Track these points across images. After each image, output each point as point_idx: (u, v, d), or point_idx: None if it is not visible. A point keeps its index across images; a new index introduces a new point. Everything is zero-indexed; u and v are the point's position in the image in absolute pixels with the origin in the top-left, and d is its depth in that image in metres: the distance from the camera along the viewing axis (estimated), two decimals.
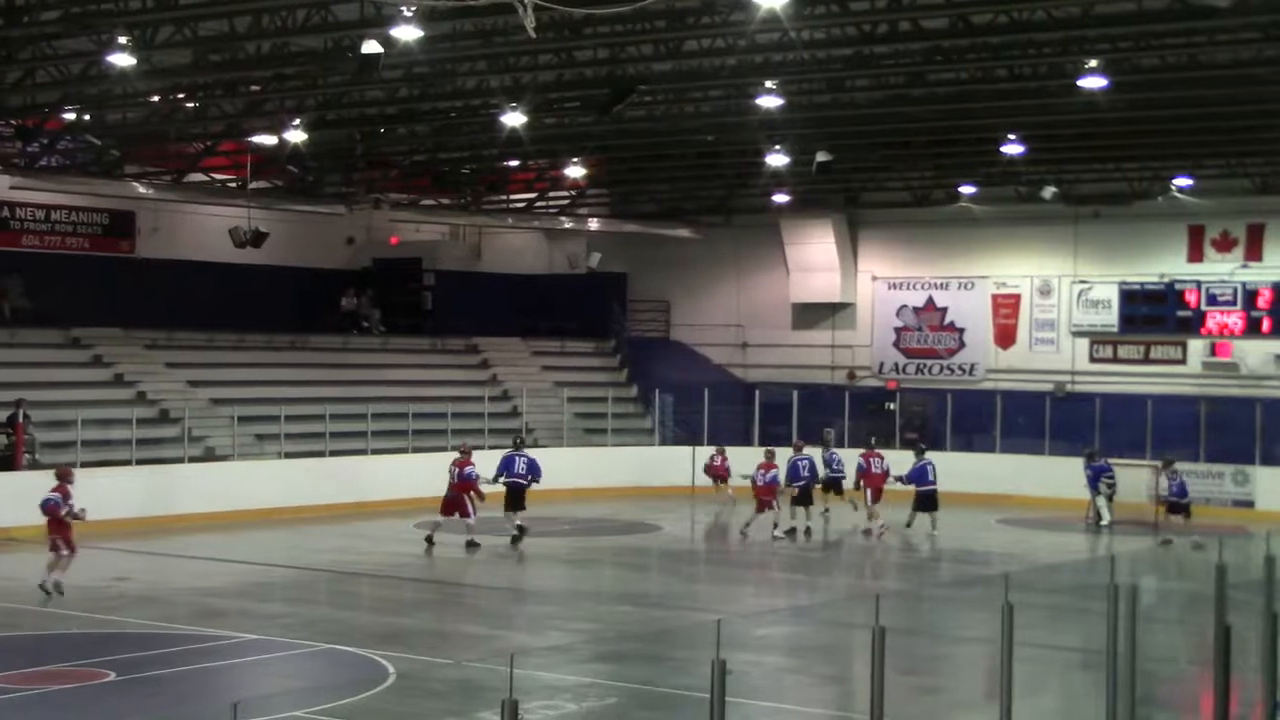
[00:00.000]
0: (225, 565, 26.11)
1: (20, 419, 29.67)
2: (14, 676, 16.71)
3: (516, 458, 28.68)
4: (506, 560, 26.55)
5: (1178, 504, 30.89)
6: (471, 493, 27.73)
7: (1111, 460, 32.62)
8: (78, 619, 20.51)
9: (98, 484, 29.23)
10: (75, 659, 17.75)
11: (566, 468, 36.69)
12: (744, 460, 32.09)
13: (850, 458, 32.47)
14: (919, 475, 30.43)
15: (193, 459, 32.20)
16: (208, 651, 18.46)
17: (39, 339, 34.38)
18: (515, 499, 28.29)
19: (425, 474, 32.44)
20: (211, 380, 35.64)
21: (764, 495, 29.61)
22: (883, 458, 31.10)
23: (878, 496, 30.25)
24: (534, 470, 28.48)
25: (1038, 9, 22.39)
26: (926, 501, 30.32)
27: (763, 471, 29.79)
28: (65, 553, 22.50)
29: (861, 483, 30.68)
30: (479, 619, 21.64)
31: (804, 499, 30.32)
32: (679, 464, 37.92)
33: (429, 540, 27.37)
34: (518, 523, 28.03)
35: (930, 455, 31.30)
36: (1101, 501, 31.62)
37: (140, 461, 31.00)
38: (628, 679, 17.29)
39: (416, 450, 35.23)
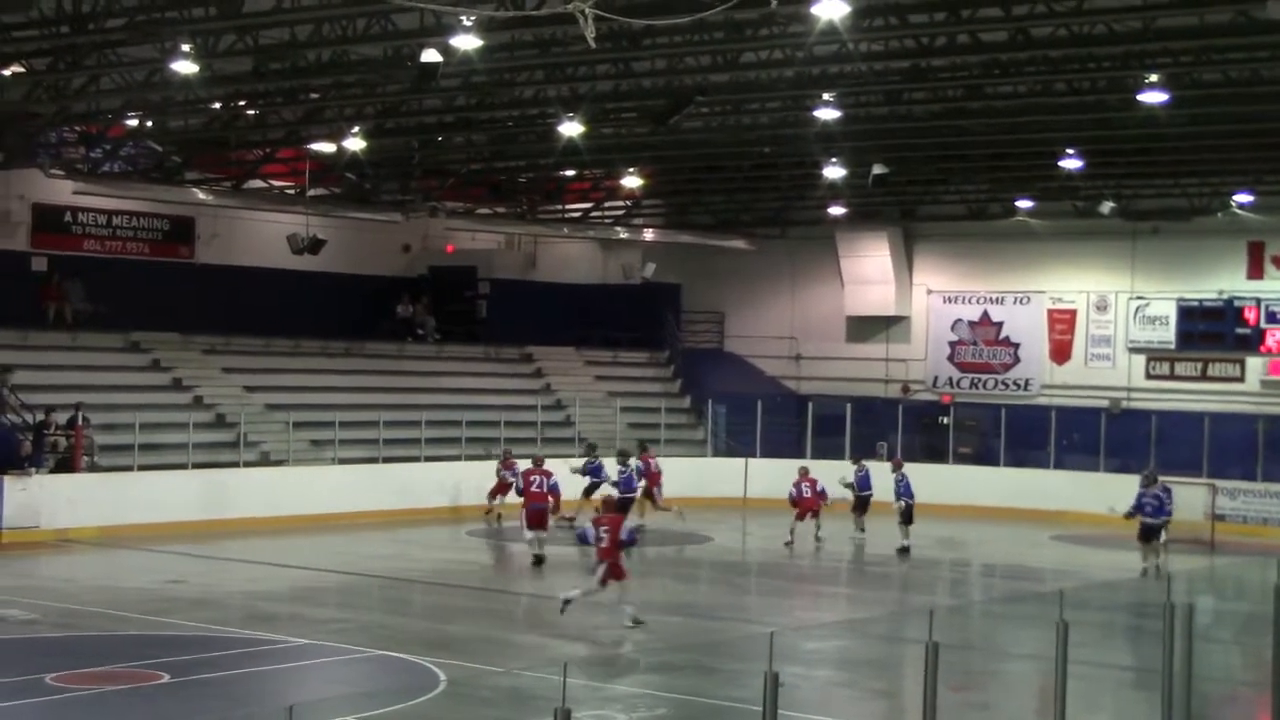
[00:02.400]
0: (279, 569, 26.22)
1: (79, 422, 29.91)
2: (70, 676, 16.82)
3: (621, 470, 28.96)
4: (557, 570, 26.52)
5: (1151, 526, 27.27)
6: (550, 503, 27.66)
7: (1166, 478, 32.18)
8: (133, 621, 20.64)
9: (154, 487, 29.50)
10: (130, 660, 17.87)
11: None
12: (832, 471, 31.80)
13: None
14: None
15: (248, 464, 32.36)
16: (261, 655, 18.54)
17: (99, 343, 34.65)
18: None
19: (478, 481, 32.55)
20: (268, 386, 35.81)
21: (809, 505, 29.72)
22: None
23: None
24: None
25: (1098, 23, 22.23)
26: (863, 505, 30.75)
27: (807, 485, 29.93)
28: None
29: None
30: (529, 628, 21.64)
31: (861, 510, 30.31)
32: (731, 475, 37.87)
33: (538, 560, 26.91)
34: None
35: (978, 470, 31.23)
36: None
37: (196, 465, 31.19)
38: (678, 690, 17.25)
39: (469, 458, 35.29)
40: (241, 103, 29.70)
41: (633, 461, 30.85)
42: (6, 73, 26.54)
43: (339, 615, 21.81)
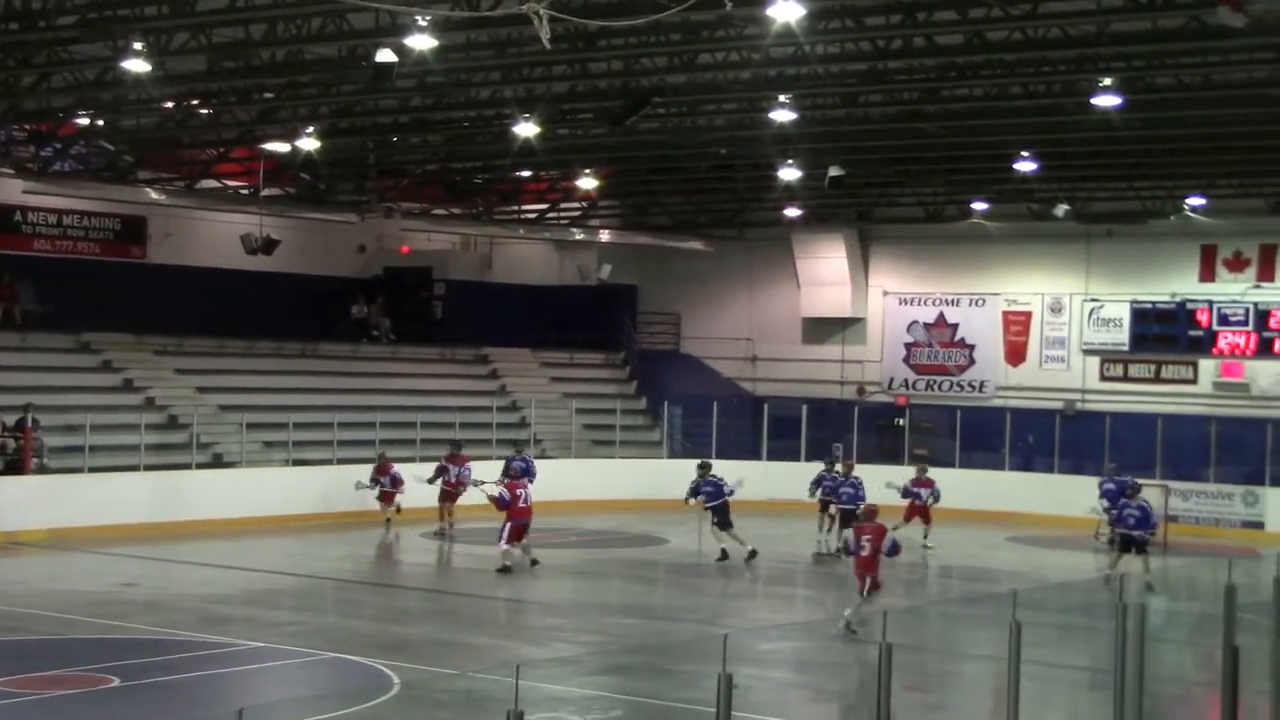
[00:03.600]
0: (232, 572, 26.11)
1: (29, 424, 29.69)
2: (18, 681, 16.71)
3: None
4: (513, 573, 26.49)
5: (1132, 537, 25.75)
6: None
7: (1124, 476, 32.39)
8: (84, 624, 20.51)
9: (105, 489, 29.32)
10: (81, 664, 17.75)
11: (574, 479, 36.71)
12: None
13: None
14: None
15: (201, 465, 32.19)
16: (213, 658, 18.45)
17: (49, 343, 34.41)
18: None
19: (433, 483, 32.42)
20: (221, 387, 35.65)
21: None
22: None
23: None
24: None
25: (1053, 26, 22.38)
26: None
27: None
28: None
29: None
30: (484, 630, 21.61)
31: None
32: (687, 477, 37.80)
33: (533, 561, 26.70)
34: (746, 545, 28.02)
35: (934, 471, 31.34)
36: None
37: (148, 467, 31.01)
38: (633, 692, 17.28)
39: (424, 459, 35.15)
40: (195, 102, 29.55)
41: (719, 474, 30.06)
42: None
43: (293, 618, 21.74)
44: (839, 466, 30.74)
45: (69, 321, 34.97)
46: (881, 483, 30.06)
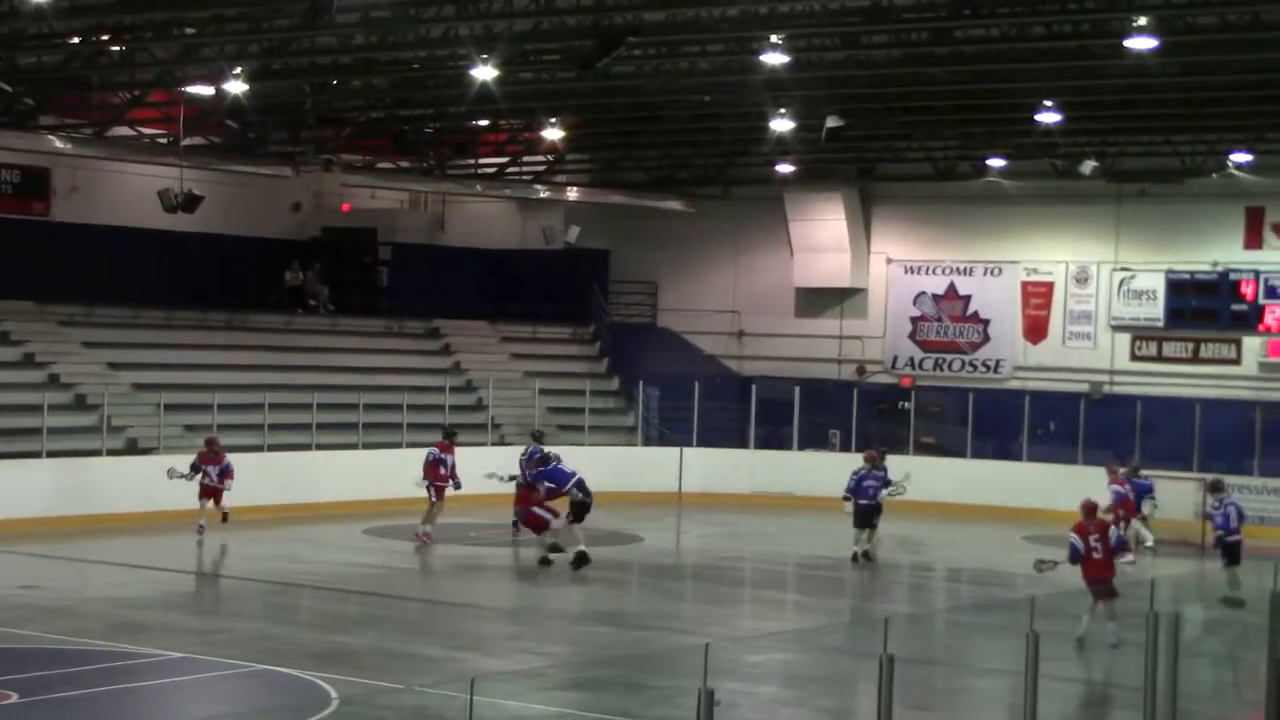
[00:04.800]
0: (148, 573, 26.07)
1: None
2: None
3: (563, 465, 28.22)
4: (468, 573, 26.54)
5: (1227, 541, 25.97)
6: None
7: (1153, 473, 32.54)
8: None
9: (3, 478, 29.22)
10: None
11: None
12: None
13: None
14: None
15: (112, 451, 32.10)
16: (127, 671, 18.43)
17: None
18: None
19: (377, 472, 32.49)
20: (135, 363, 35.55)
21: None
22: None
23: None
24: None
25: None
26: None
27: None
28: None
29: None
30: (435, 639, 21.63)
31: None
32: (665, 467, 37.98)
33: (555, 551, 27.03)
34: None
35: (943, 462, 31.31)
36: (1138, 524, 31.59)
37: (52, 453, 30.91)
38: (602, 709, 17.32)
39: (368, 446, 35.19)
40: (105, 37, 29.39)
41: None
42: None
43: (217, 625, 21.74)
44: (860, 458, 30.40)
45: None
46: (899, 473, 30.03)
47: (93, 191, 38.56)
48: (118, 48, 30.31)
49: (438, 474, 29.59)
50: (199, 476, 28.88)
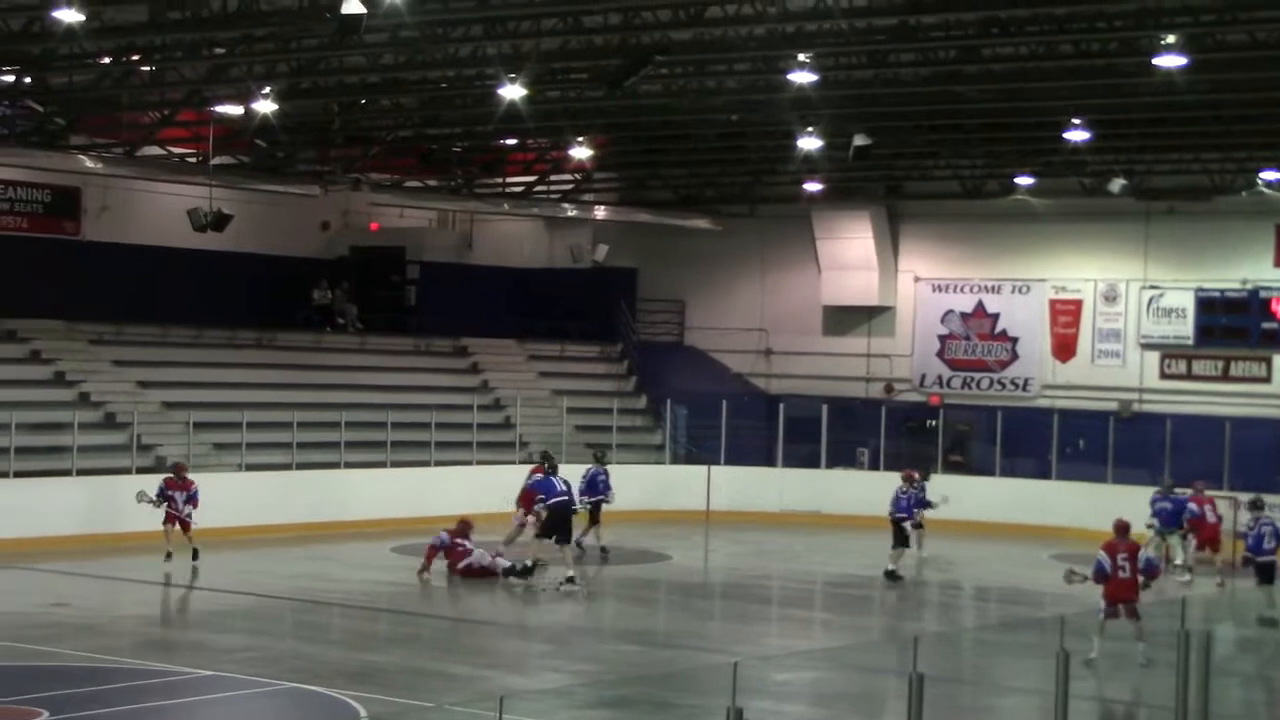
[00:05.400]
0: (177, 591, 26.12)
1: None
2: None
3: (554, 481, 27.90)
4: (496, 591, 26.53)
5: (1259, 561, 25.45)
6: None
7: (1184, 491, 32.37)
8: (8, 650, 20.50)
9: (34, 497, 29.30)
10: (4, 695, 17.73)
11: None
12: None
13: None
14: None
15: (142, 470, 32.14)
16: (156, 689, 18.46)
17: None
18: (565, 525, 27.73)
19: (406, 490, 32.51)
20: (164, 381, 35.64)
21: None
22: None
23: None
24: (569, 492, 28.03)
25: None
26: None
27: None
28: None
29: None
30: (464, 657, 21.63)
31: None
32: (693, 485, 37.93)
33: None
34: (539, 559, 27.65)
35: (971, 480, 31.20)
36: (1175, 541, 31.44)
37: (82, 472, 31.00)
38: None
39: (396, 464, 35.22)
40: (135, 57, 29.51)
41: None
42: None
43: (247, 643, 21.75)
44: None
45: None
46: (937, 495, 30.05)
47: (123, 211, 38.69)
48: (148, 68, 30.42)
49: (533, 500, 29.61)
50: (165, 504, 27.93)
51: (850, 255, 42.15)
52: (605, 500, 30.76)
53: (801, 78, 27.26)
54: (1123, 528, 21.67)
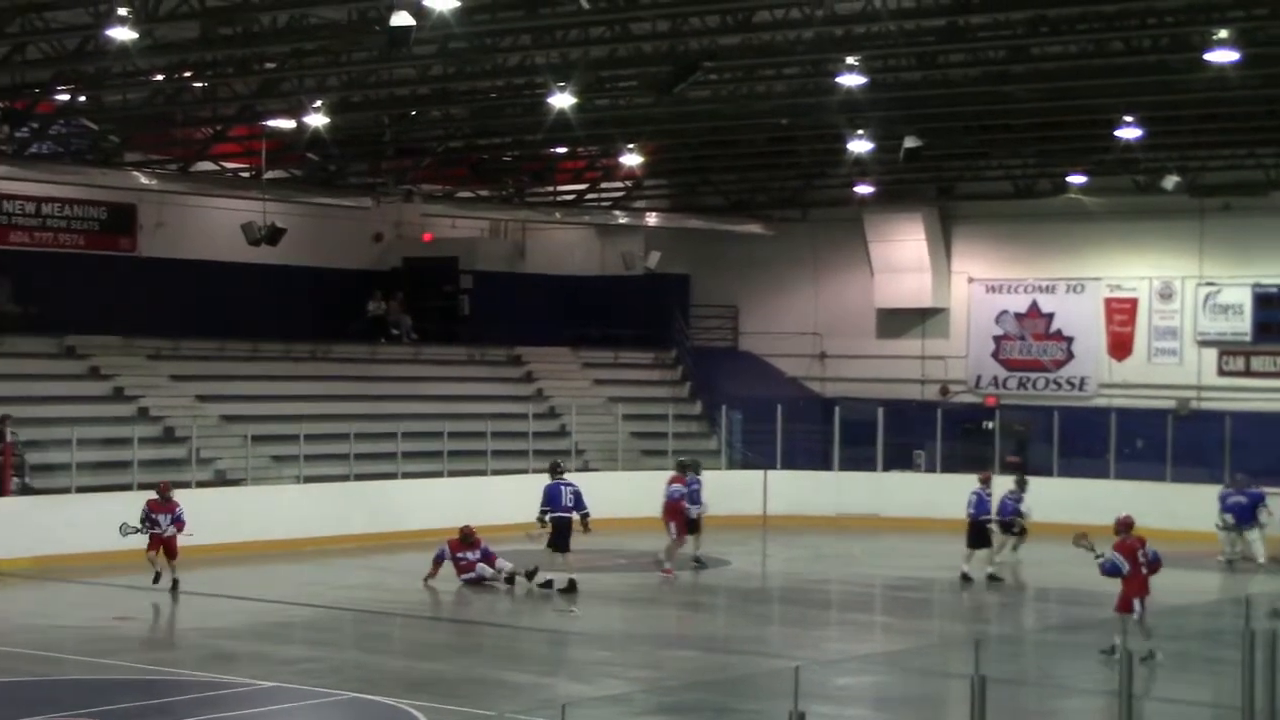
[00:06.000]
0: (238, 603, 26.21)
1: (8, 438, 29.90)
2: None
3: (563, 487, 28.06)
4: (554, 601, 26.52)
5: None
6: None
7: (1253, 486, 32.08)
8: (72, 663, 20.63)
9: (94, 511, 29.45)
10: (71, 708, 17.84)
11: (621, 494, 36.58)
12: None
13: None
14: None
15: (201, 483, 32.32)
16: (217, 700, 18.51)
17: (29, 348, 34.66)
18: (564, 537, 27.70)
19: (462, 500, 32.51)
20: (222, 395, 35.83)
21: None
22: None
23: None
24: (580, 503, 27.91)
25: None
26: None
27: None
28: None
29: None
30: (524, 665, 21.63)
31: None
32: (749, 490, 37.84)
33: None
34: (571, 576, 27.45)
35: (1029, 481, 30.98)
36: (1256, 535, 31.20)
37: (142, 486, 31.04)
38: None
39: (453, 474, 35.28)
40: (188, 74, 29.67)
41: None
42: None
43: (307, 654, 21.81)
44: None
45: (51, 323, 35.21)
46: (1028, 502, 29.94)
47: (178, 226, 38.93)
48: (200, 84, 30.60)
49: (678, 508, 29.66)
50: (151, 529, 26.29)
51: (903, 257, 42.04)
52: (701, 509, 30.24)
53: (851, 80, 27.20)
54: (1128, 524, 21.73)
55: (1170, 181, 36.50)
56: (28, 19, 25.27)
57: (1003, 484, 30.56)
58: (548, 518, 27.01)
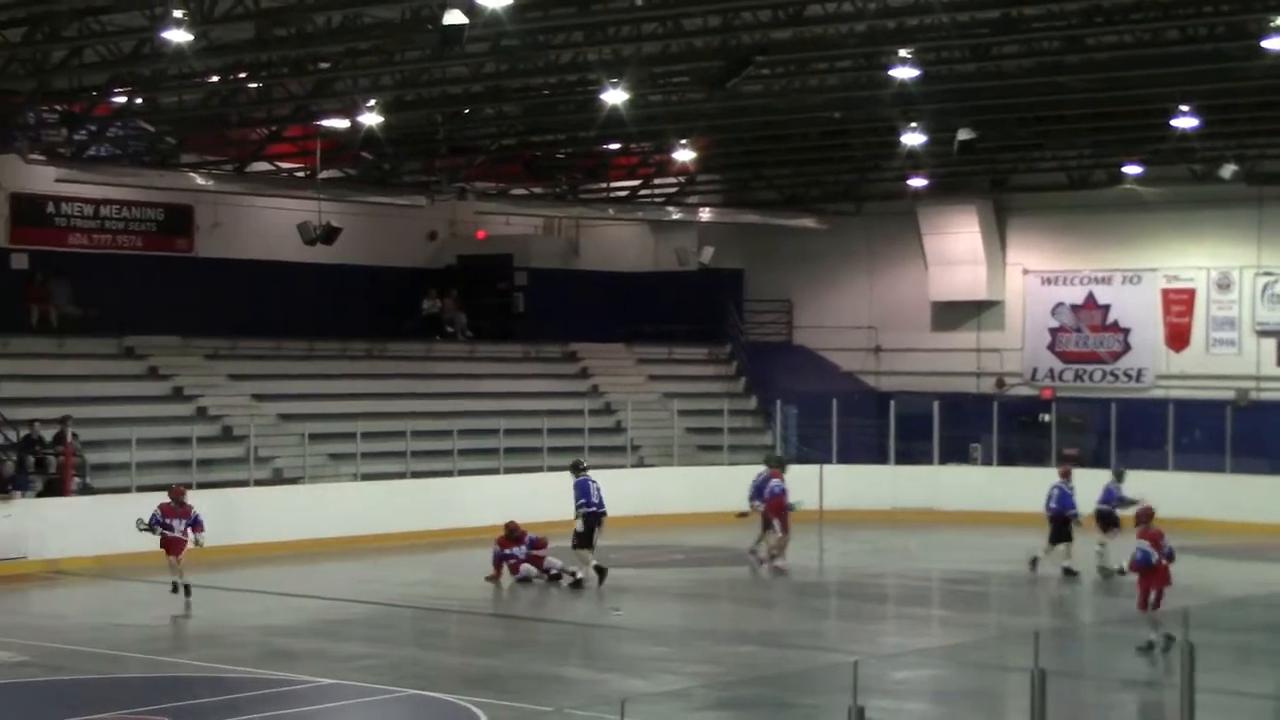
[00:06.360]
0: (297, 601, 26.33)
1: (68, 438, 30.12)
2: None
3: (591, 483, 28.02)
4: (611, 595, 26.54)
5: None
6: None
7: None
8: (134, 661, 20.77)
9: (154, 510, 29.61)
10: (133, 706, 17.98)
11: (677, 489, 36.71)
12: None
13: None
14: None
15: (259, 482, 32.52)
16: (277, 698, 18.61)
17: (88, 349, 34.90)
18: (593, 533, 27.73)
19: (518, 497, 32.59)
20: (279, 394, 35.99)
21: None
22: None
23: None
24: (602, 500, 27.79)
25: None
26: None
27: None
28: None
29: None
30: (581, 661, 21.67)
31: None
32: (805, 484, 37.70)
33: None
34: (595, 564, 27.55)
35: (1086, 474, 30.72)
36: None
37: (201, 485, 31.27)
38: None
39: (509, 470, 35.36)
40: (242, 75, 29.83)
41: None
42: None
43: (366, 651, 21.88)
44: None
45: (109, 324, 35.45)
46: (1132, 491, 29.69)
47: (234, 226, 39.14)
48: (255, 84, 30.74)
49: (782, 505, 29.65)
50: (165, 532, 25.22)
51: (957, 250, 41.90)
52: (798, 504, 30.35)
53: (904, 73, 27.13)
54: (1149, 514, 21.80)
55: (1228, 170, 36.25)
56: (84, 23, 25.42)
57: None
58: (583, 514, 27.28)
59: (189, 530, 25.24)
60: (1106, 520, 28.75)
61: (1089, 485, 29.37)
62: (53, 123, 33.64)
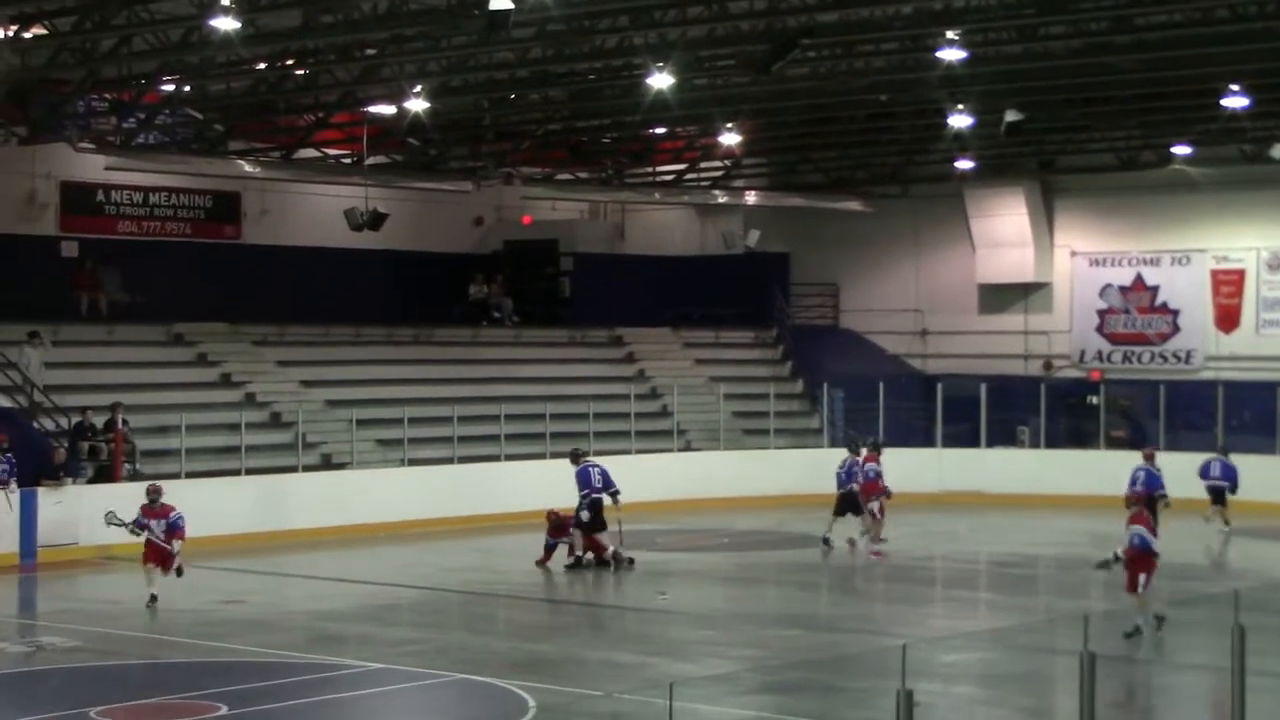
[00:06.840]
0: (345, 586, 26.45)
1: (119, 425, 30.31)
2: (117, 710, 17.07)
3: (590, 469, 28.15)
4: (657, 579, 26.57)
5: None
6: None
7: None
8: (185, 646, 20.90)
9: (203, 496, 29.82)
10: (183, 690, 18.09)
11: (724, 473, 36.71)
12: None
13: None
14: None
15: (308, 467, 32.66)
16: (327, 682, 18.71)
17: (137, 336, 35.09)
18: (599, 516, 27.86)
19: (565, 481, 32.62)
20: (327, 380, 36.13)
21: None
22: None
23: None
24: (609, 481, 27.95)
25: None
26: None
27: None
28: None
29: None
30: (629, 645, 21.68)
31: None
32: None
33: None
34: (613, 549, 27.54)
35: (1135, 456, 30.57)
36: None
37: (250, 471, 31.52)
38: (799, 712, 17.23)
39: (555, 455, 35.35)
40: (290, 62, 29.93)
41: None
42: (28, 35, 26.90)
43: (414, 635, 21.97)
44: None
45: (158, 311, 35.65)
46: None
47: (281, 213, 39.30)
48: (302, 71, 30.85)
49: (879, 488, 29.63)
50: (143, 534, 23.75)
51: (1005, 232, 41.74)
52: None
53: (950, 55, 27.03)
54: (1139, 498, 22.17)
55: (1278, 150, 35.99)
56: (133, 11, 25.55)
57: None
58: (584, 500, 27.61)
59: (170, 539, 23.54)
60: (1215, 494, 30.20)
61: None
62: (102, 111, 33.81)
